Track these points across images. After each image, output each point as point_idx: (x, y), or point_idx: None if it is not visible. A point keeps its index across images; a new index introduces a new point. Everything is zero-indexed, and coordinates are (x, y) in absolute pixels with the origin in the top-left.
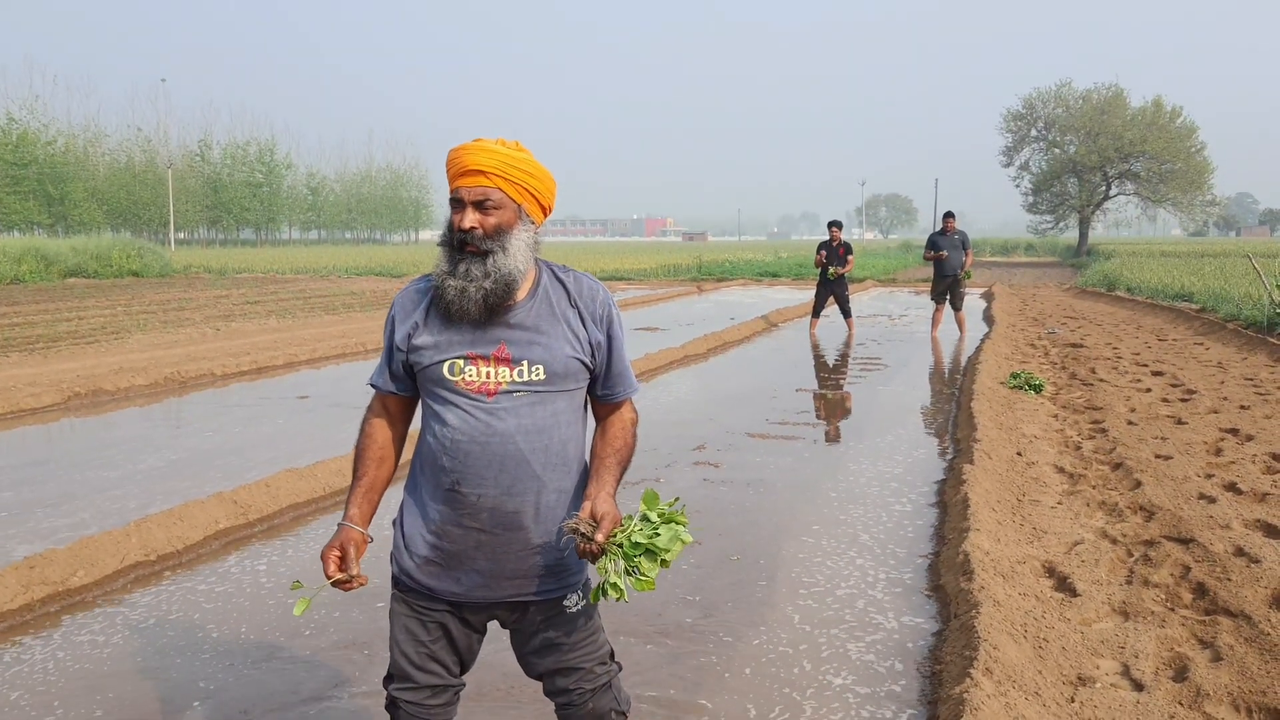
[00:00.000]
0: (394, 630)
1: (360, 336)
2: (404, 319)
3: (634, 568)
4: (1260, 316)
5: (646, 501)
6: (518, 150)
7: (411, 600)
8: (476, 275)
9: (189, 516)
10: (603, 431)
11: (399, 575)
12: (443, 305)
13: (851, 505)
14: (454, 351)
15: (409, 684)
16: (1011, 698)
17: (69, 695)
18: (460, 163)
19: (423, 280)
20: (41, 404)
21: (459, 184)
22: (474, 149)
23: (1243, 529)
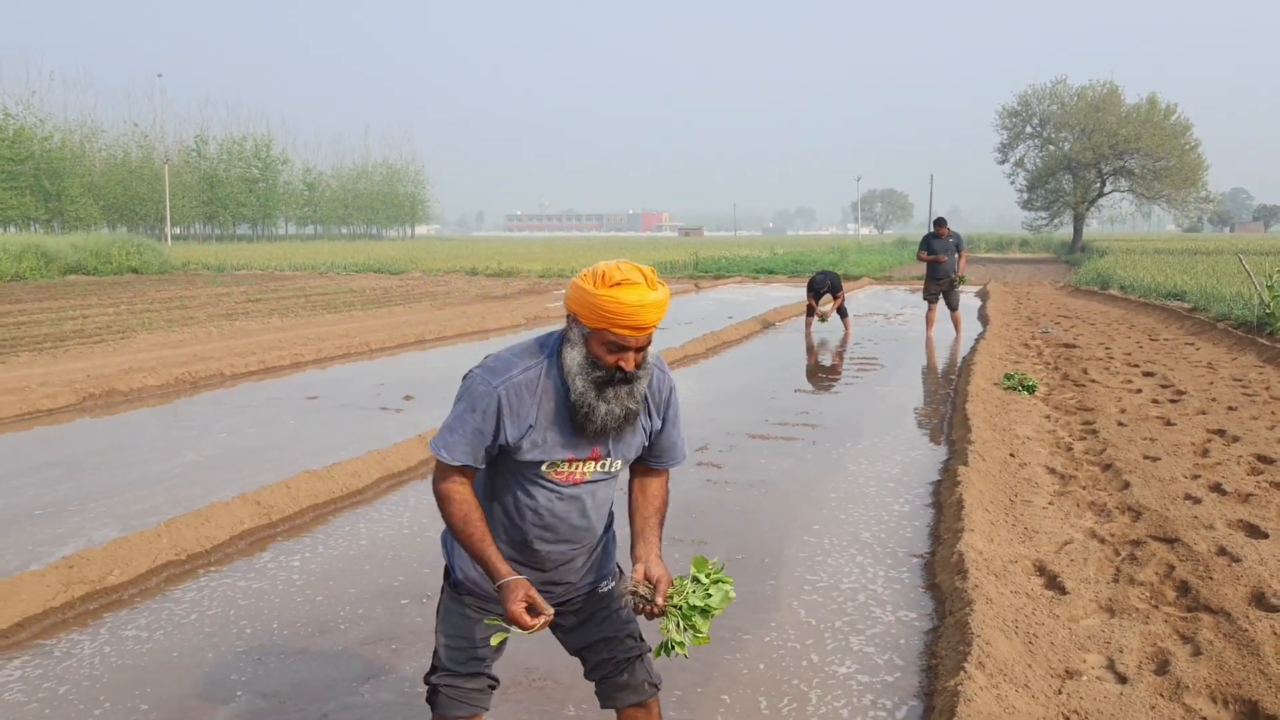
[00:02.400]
0: (446, 627)
1: (364, 336)
2: (516, 419)
3: (690, 626)
4: (1250, 316)
5: (697, 566)
6: (666, 287)
7: (470, 603)
8: (624, 398)
9: (215, 517)
10: (644, 489)
11: (463, 580)
12: (580, 421)
13: (851, 505)
14: (559, 454)
15: (456, 676)
16: (1002, 689)
17: (114, 689)
18: (638, 320)
19: (521, 371)
20: (58, 405)
21: (629, 334)
22: (653, 308)
23: (1226, 529)
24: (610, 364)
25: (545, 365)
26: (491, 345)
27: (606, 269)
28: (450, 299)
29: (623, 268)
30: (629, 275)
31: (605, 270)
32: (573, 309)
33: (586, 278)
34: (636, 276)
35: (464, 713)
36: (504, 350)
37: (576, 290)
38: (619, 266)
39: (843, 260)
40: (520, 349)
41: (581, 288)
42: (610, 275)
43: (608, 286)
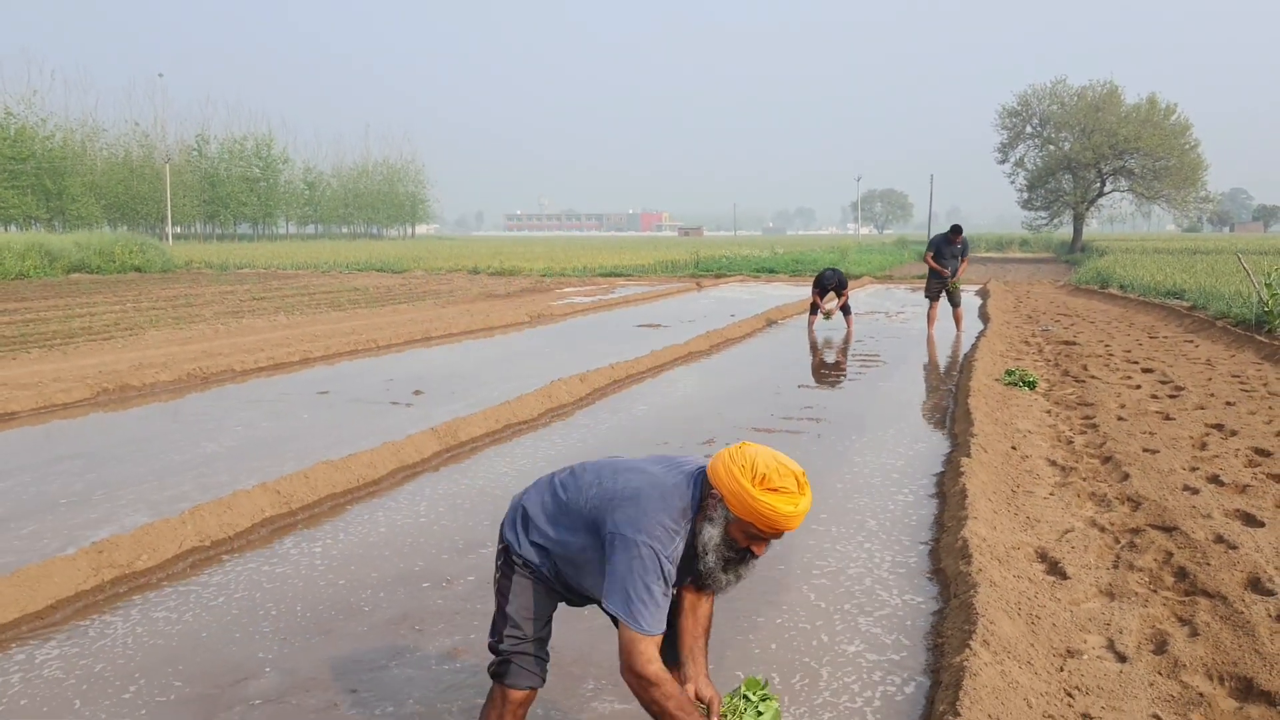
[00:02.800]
0: (520, 601)
1: (370, 333)
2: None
3: None
4: (1249, 314)
5: (749, 686)
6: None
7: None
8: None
9: (237, 505)
10: (695, 611)
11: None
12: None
13: (857, 495)
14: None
15: (529, 642)
16: (1006, 666)
17: (148, 667)
18: (787, 527)
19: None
20: (72, 399)
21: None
22: (802, 517)
23: (1223, 518)
24: (743, 546)
25: (689, 529)
26: (497, 342)
27: (766, 471)
28: (454, 297)
29: (781, 472)
30: (786, 483)
31: (765, 473)
32: (722, 492)
33: (745, 471)
34: (792, 484)
35: (530, 683)
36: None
37: (732, 481)
38: (778, 470)
39: (843, 260)
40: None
41: (739, 482)
42: (769, 479)
43: (765, 490)
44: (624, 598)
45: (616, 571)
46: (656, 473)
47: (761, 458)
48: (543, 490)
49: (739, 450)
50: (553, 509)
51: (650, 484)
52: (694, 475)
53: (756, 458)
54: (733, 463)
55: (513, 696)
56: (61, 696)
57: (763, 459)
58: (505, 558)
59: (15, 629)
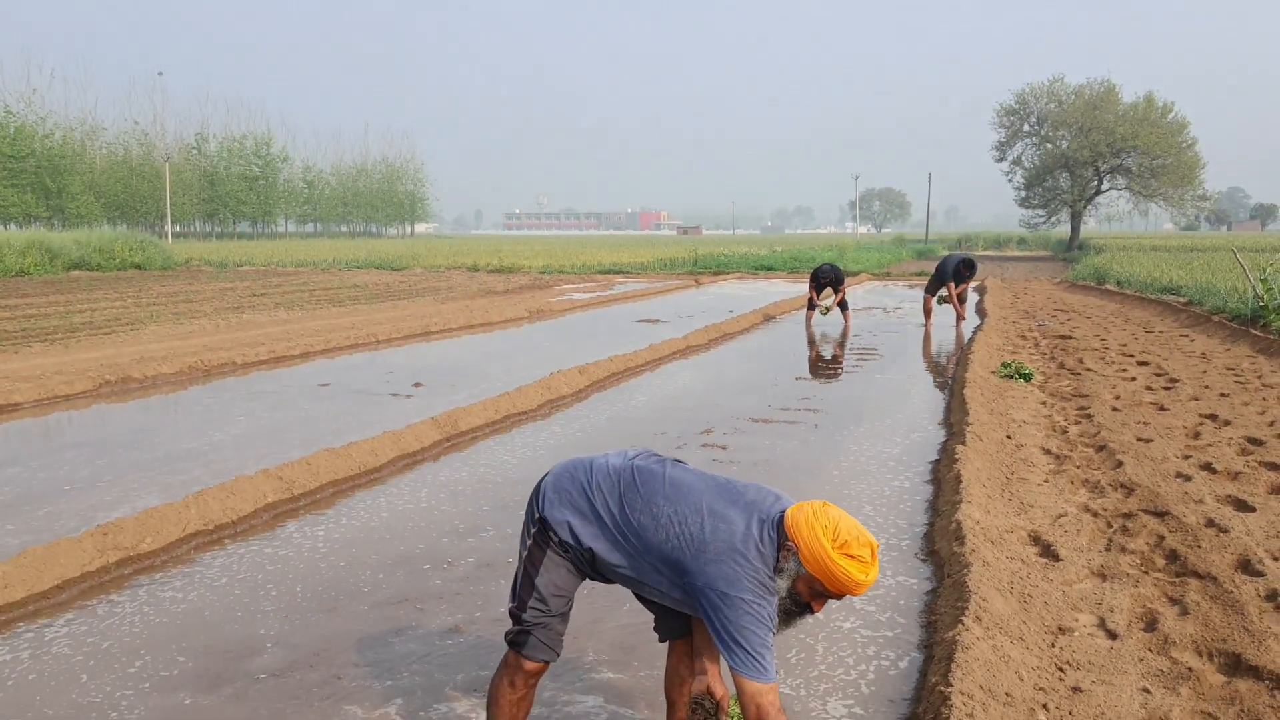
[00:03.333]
0: (548, 576)
1: (370, 328)
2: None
3: None
4: (1244, 309)
5: None
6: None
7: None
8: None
9: (239, 490)
10: None
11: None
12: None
13: (853, 482)
14: None
15: (552, 617)
16: (998, 641)
17: (153, 644)
18: (854, 592)
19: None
20: (75, 390)
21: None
22: (869, 586)
23: (1215, 503)
24: (806, 601)
25: None
26: (496, 337)
27: (848, 538)
28: (453, 294)
29: (861, 540)
30: (863, 553)
31: (847, 539)
32: (797, 544)
33: (827, 532)
34: (868, 555)
35: (547, 657)
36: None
37: (814, 541)
38: (858, 539)
39: (841, 258)
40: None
41: (821, 543)
42: (850, 546)
43: (844, 554)
44: (746, 654)
45: (729, 629)
46: (738, 522)
47: (844, 523)
48: (601, 490)
49: (822, 509)
50: (615, 529)
51: (740, 539)
52: (771, 522)
53: (840, 522)
54: (815, 521)
55: (527, 667)
56: (69, 671)
57: (845, 525)
58: (541, 530)
59: (23, 607)
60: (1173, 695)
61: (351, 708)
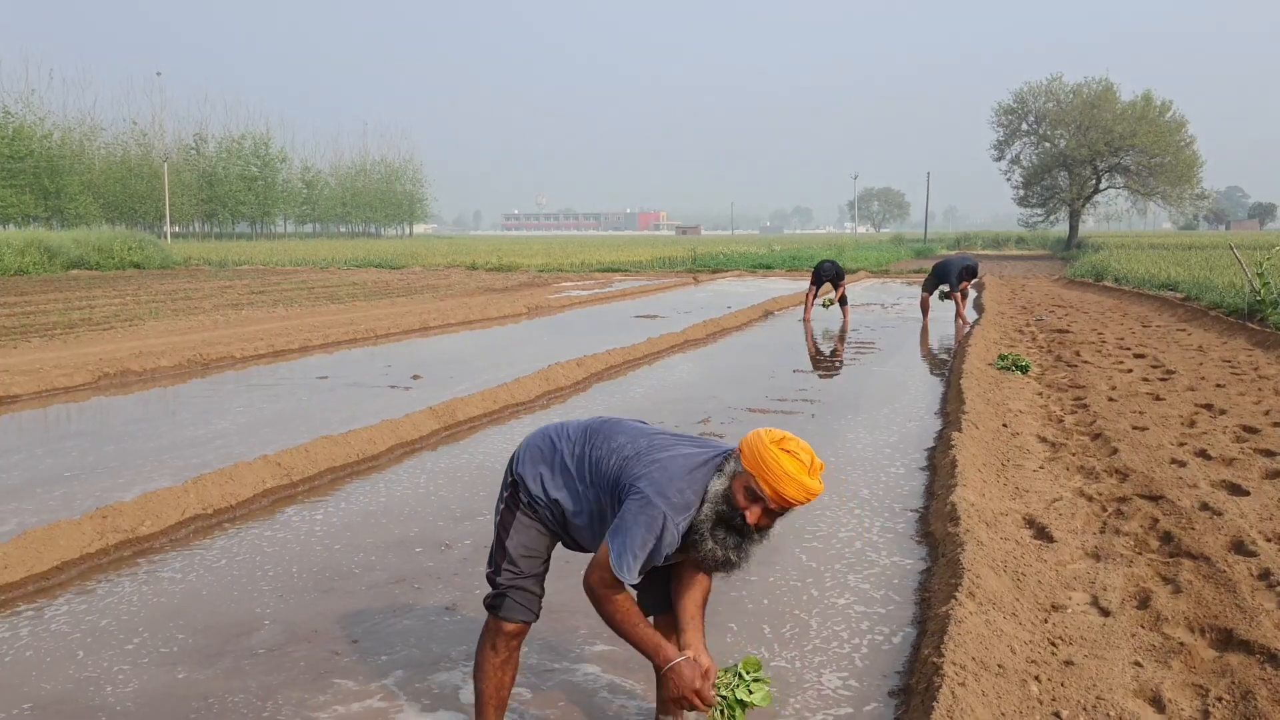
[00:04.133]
0: (520, 539)
1: (369, 324)
2: (670, 548)
3: (732, 716)
4: (1241, 304)
5: (746, 664)
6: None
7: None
8: (729, 549)
9: (239, 476)
10: (697, 583)
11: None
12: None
13: (849, 468)
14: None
15: (526, 578)
16: (991, 616)
17: (151, 622)
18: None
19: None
20: (74, 383)
21: (770, 494)
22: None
23: (1209, 488)
24: (740, 507)
25: None
26: (495, 332)
27: (789, 437)
28: (451, 291)
29: (804, 447)
30: (802, 454)
31: (786, 438)
32: (741, 448)
33: (769, 432)
34: (806, 457)
35: (524, 617)
36: (677, 480)
37: (754, 435)
38: (797, 441)
39: (840, 257)
40: (694, 481)
41: (760, 437)
42: (787, 442)
43: (780, 449)
44: (620, 544)
45: (624, 519)
46: (690, 450)
47: (791, 435)
48: (570, 439)
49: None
50: (578, 474)
51: (684, 456)
52: (725, 453)
53: (788, 433)
54: (764, 430)
55: (506, 629)
56: (66, 648)
57: (792, 435)
58: (513, 492)
59: (22, 588)
60: (1164, 669)
61: (347, 681)
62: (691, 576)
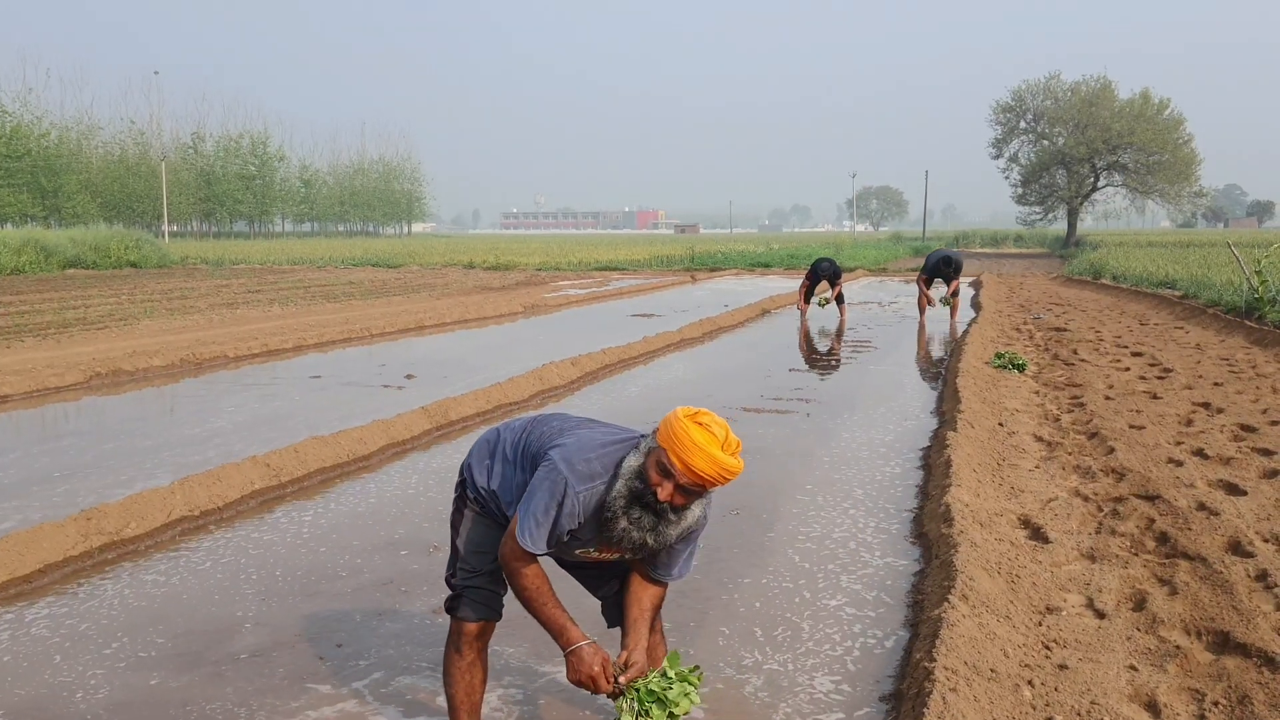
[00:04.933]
0: (472, 536)
1: (365, 323)
2: (581, 519)
3: (645, 711)
4: (1239, 301)
5: (669, 661)
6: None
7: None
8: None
9: (226, 477)
10: (645, 588)
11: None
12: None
13: (844, 467)
14: (591, 546)
15: (480, 575)
16: (984, 619)
17: (131, 627)
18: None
19: (602, 481)
20: (65, 383)
21: (680, 467)
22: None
23: (1206, 488)
24: (653, 483)
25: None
26: (490, 331)
27: (704, 412)
28: (448, 290)
29: (719, 422)
30: (713, 426)
31: (701, 412)
32: (662, 423)
33: (686, 409)
34: (719, 431)
35: (484, 615)
36: (588, 450)
37: (670, 414)
38: (712, 417)
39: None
40: (603, 459)
41: (675, 413)
42: (701, 416)
43: (691, 421)
44: (524, 510)
45: (531, 487)
46: (609, 430)
47: (708, 412)
48: (514, 429)
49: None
50: (514, 450)
51: (604, 433)
52: (644, 435)
53: (706, 410)
54: (681, 407)
55: (467, 629)
56: (43, 652)
57: (709, 412)
58: (460, 491)
59: (3, 591)
60: (1160, 672)
61: (325, 686)
62: (641, 583)
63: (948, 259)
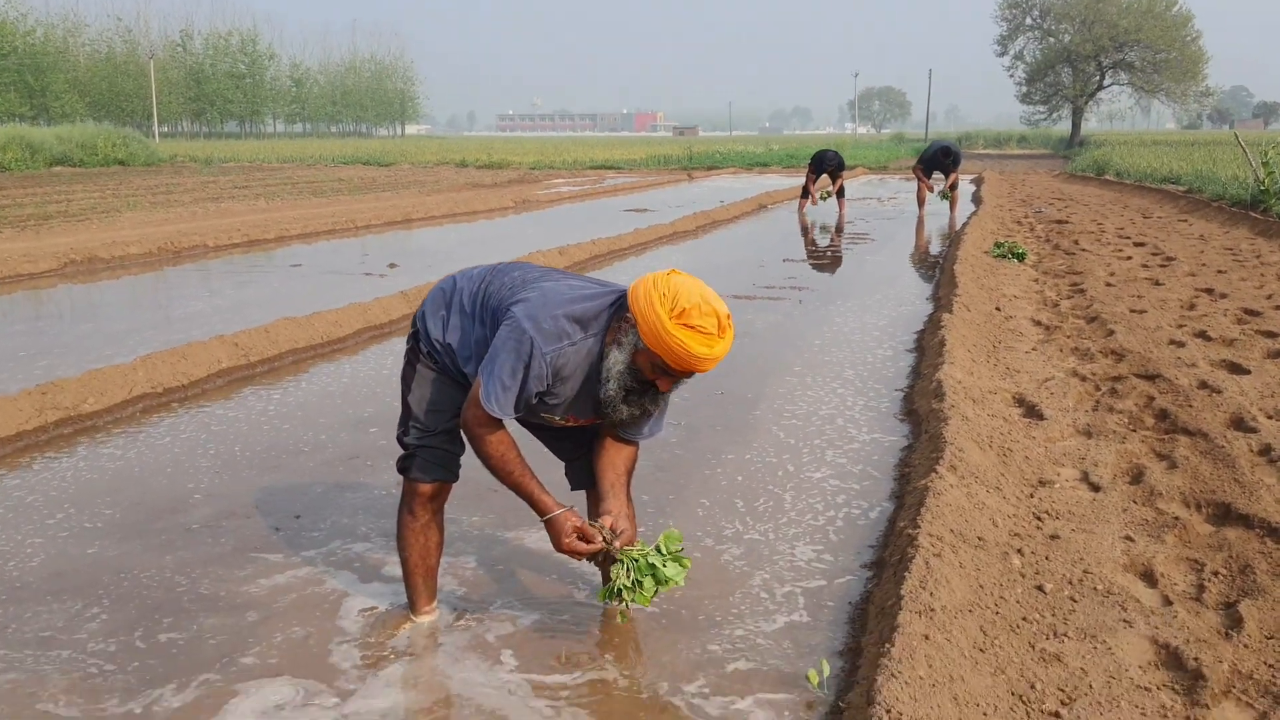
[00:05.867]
0: (421, 393)
1: (351, 216)
2: (552, 384)
3: (639, 582)
4: (1244, 194)
5: (666, 538)
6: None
7: (448, 369)
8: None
9: (192, 355)
10: (617, 449)
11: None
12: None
13: (835, 349)
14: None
15: (434, 435)
16: (973, 489)
17: (80, 498)
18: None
19: (570, 344)
20: (39, 270)
21: (686, 371)
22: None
23: (1208, 367)
24: (649, 379)
25: (592, 344)
26: (479, 226)
27: (688, 305)
28: (439, 187)
29: (703, 309)
30: (705, 322)
31: (686, 307)
32: (636, 318)
33: (664, 300)
34: (712, 325)
35: (439, 476)
36: (554, 306)
37: (650, 310)
38: (699, 306)
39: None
40: (571, 316)
41: (656, 312)
42: (689, 315)
43: (681, 325)
44: (488, 373)
45: (494, 347)
46: (576, 283)
47: (686, 290)
48: (471, 278)
49: (664, 276)
50: (472, 301)
51: (567, 289)
52: (616, 297)
53: (680, 289)
54: (654, 289)
55: (421, 490)
56: None
57: (687, 291)
58: (413, 344)
59: None
60: (1157, 543)
61: (274, 555)
62: (613, 446)
63: (946, 149)
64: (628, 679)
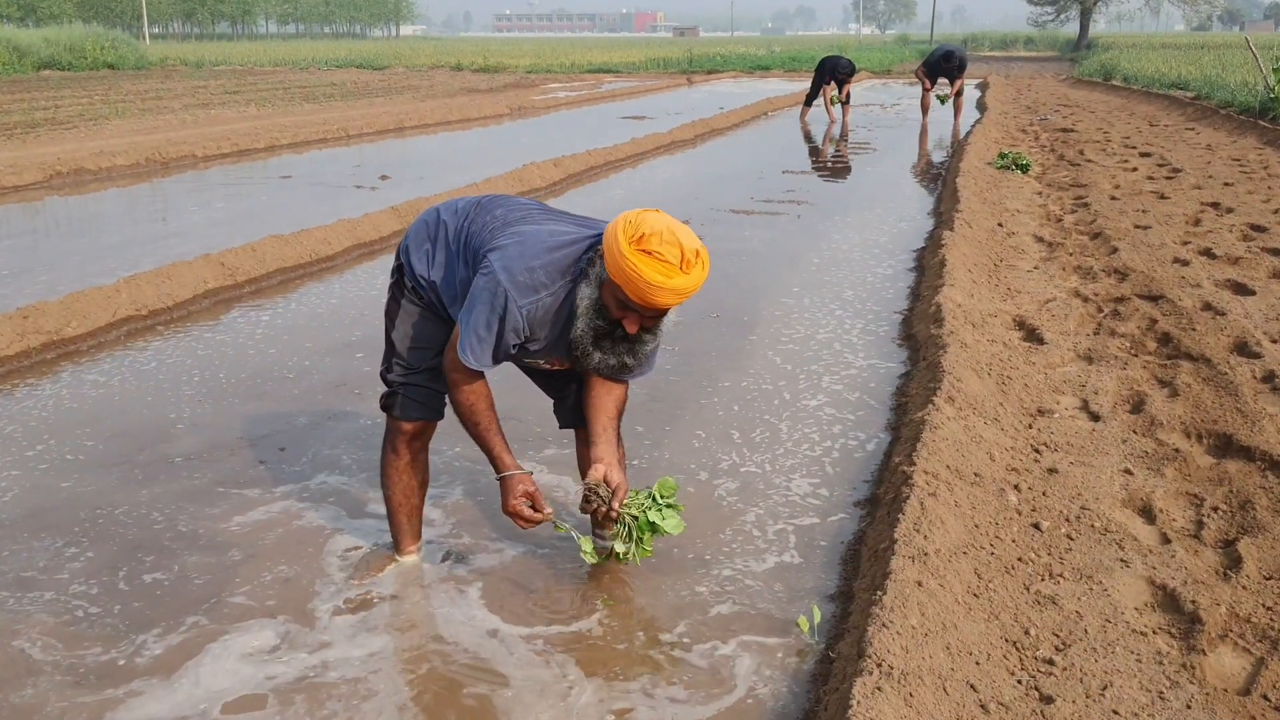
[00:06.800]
0: (405, 329)
1: (343, 124)
2: (530, 334)
3: (640, 539)
4: (1253, 102)
5: (662, 487)
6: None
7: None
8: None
9: (177, 276)
10: (606, 391)
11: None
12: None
13: (833, 269)
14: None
15: (416, 373)
16: (971, 421)
17: (60, 427)
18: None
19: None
20: (24, 182)
21: (646, 304)
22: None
23: (1213, 288)
24: (616, 318)
25: (569, 290)
26: (474, 133)
27: (649, 232)
28: (433, 92)
29: (666, 239)
30: (665, 251)
31: (646, 233)
32: (604, 247)
33: (629, 228)
34: (673, 255)
35: (422, 415)
36: (531, 256)
37: (611, 236)
38: (662, 235)
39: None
40: (548, 265)
41: (616, 238)
42: (648, 241)
43: (638, 250)
44: (465, 324)
45: (471, 296)
46: (557, 228)
47: (652, 220)
48: (456, 213)
49: (640, 213)
50: (456, 237)
51: (549, 233)
52: (593, 239)
53: (646, 219)
54: (623, 220)
55: (404, 429)
56: None
57: (653, 222)
58: (398, 278)
59: None
60: (1156, 477)
61: (254, 490)
62: (603, 386)
63: (950, 54)
64: (615, 621)
